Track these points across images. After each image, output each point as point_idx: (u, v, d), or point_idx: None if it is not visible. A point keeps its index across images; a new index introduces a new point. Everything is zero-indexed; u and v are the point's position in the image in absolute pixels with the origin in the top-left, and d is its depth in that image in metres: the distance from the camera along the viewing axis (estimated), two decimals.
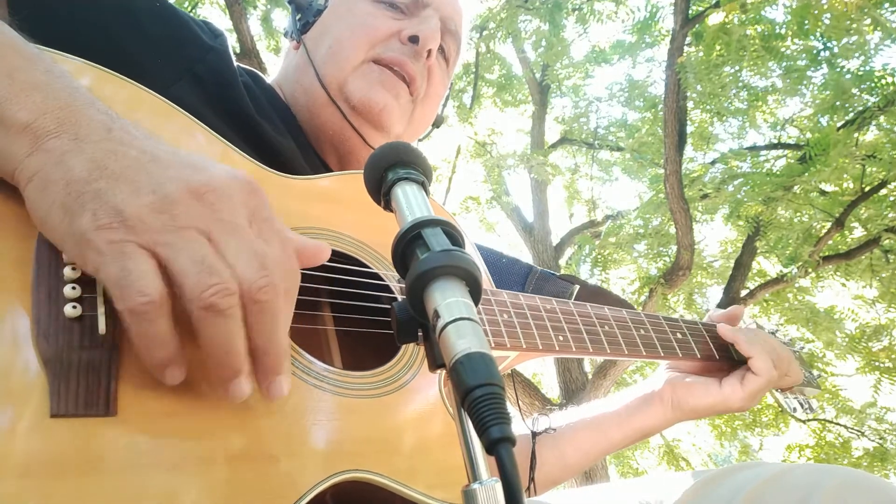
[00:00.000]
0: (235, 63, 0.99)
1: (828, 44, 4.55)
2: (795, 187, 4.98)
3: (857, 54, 4.41)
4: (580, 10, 6.14)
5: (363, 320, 0.80)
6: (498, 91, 7.62)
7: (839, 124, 4.89)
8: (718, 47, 4.61)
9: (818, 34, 4.47)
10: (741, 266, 5.59)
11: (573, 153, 8.47)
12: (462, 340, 0.44)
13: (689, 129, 5.62)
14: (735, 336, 1.13)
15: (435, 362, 0.51)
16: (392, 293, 0.81)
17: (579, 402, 1.32)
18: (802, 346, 1.36)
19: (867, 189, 5.13)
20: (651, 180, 6.40)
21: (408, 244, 0.52)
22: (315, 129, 1.10)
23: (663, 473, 3.66)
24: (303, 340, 0.70)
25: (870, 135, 5.17)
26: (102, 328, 0.55)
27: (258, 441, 0.59)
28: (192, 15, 1.03)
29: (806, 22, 4.29)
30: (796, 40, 4.72)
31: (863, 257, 5.50)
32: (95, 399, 0.52)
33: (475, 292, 0.50)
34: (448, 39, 1.15)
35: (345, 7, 1.12)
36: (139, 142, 0.56)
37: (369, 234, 0.86)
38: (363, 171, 0.61)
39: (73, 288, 0.55)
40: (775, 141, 6.21)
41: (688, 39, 4.69)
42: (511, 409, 0.53)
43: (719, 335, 1.16)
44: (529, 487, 1.10)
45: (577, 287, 1.22)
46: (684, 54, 4.61)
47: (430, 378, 0.77)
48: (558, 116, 8.22)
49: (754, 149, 6.10)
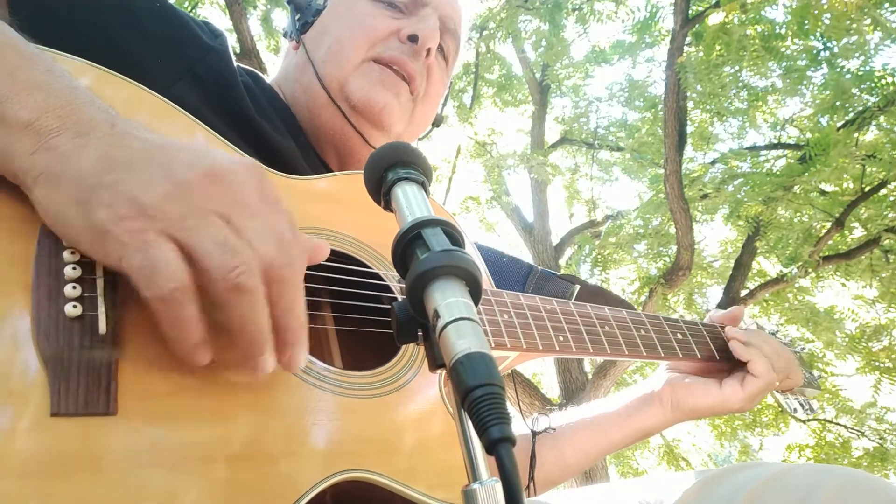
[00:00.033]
0: (235, 63, 0.99)
1: (828, 44, 4.55)
2: (795, 187, 4.98)
3: (857, 54, 4.41)
4: (580, 10, 6.14)
5: (363, 320, 0.80)
6: (498, 91, 7.62)
7: (839, 124, 4.88)
8: (718, 47, 4.60)
9: (818, 34, 4.47)
10: (741, 266, 5.59)
11: (573, 153, 8.47)
12: (462, 340, 0.44)
13: (689, 129, 5.62)
14: (734, 336, 1.14)
15: (435, 362, 0.51)
16: (392, 293, 0.81)
17: (579, 402, 1.32)
18: (803, 347, 1.36)
19: (867, 189, 5.13)
20: (651, 180, 6.40)
21: (408, 244, 0.52)
22: (316, 129, 1.10)
23: (663, 473, 3.66)
24: None
25: (870, 135, 5.17)
26: (103, 328, 0.55)
27: (258, 440, 0.59)
28: (192, 15, 1.03)
29: (806, 22, 4.29)
30: (796, 40, 4.72)
31: (863, 257, 5.50)
32: (96, 398, 0.52)
33: (475, 292, 0.50)
34: (447, 38, 1.15)
35: (344, 7, 1.12)
36: (143, 134, 0.57)
37: (369, 234, 0.86)
38: (363, 171, 0.61)
39: (74, 287, 0.55)
40: (775, 141, 6.21)
41: (688, 39, 4.69)
42: (511, 409, 0.53)
43: (722, 336, 1.16)
44: (529, 487, 1.10)
45: (578, 287, 1.22)
46: (684, 54, 4.61)
47: (431, 378, 0.77)
48: (558, 116, 8.22)
49: (754, 149, 6.10)
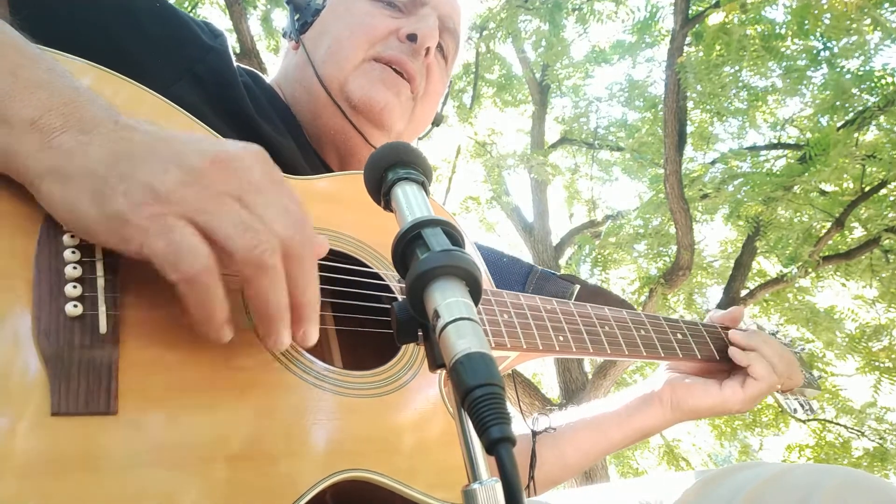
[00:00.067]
0: (235, 63, 0.99)
1: (828, 44, 4.55)
2: (795, 187, 4.98)
3: (857, 54, 4.41)
4: (580, 10, 6.13)
5: (363, 320, 0.80)
6: (498, 91, 7.61)
7: (839, 124, 4.88)
8: (718, 47, 4.60)
9: (818, 34, 4.47)
10: (741, 266, 5.59)
11: (573, 153, 8.47)
12: (462, 340, 0.44)
13: (689, 129, 5.62)
14: (735, 341, 1.14)
15: (435, 362, 0.51)
16: (392, 293, 0.81)
17: (579, 402, 1.32)
18: (803, 347, 1.36)
19: (867, 189, 5.13)
20: (651, 180, 6.40)
21: (408, 244, 0.52)
22: (317, 129, 1.10)
23: (663, 473, 3.66)
24: None
25: (870, 135, 5.17)
26: (103, 327, 0.55)
27: (258, 440, 0.59)
28: (192, 15, 1.03)
29: (806, 22, 4.29)
30: (796, 40, 4.72)
31: (863, 257, 5.50)
32: (96, 398, 0.52)
33: (475, 292, 0.50)
34: (446, 37, 1.15)
35: (343, 7, 1.12)
36: (145, 128, 0.58)
37: (369, 234, 0.86)
38: (363, 171, 0.62)
39: (75, 287, 0.55)
40: (775, 141, 6.21)
41: (688, 39, 4.69)
42: (511, 409, 0.53)
43: (722, 337, 1.16)
44: (529, 487, 1.10)
45: (578, 287, 1.22)
46: (684, 54, 4.60)
47: (431, 378, 0.77)
48: (558, 116, 8.21)
49: (754, 149, 6.10)
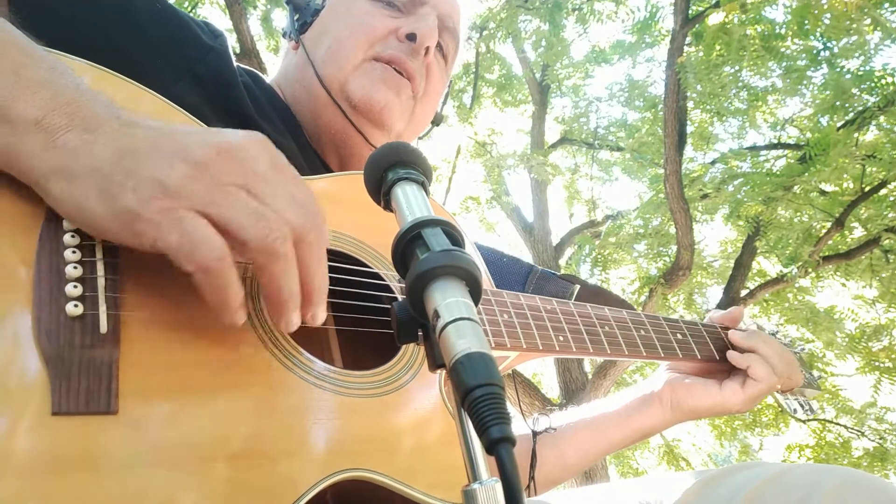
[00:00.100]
0: (235, 63, 0.99)
1: (828, 44, 4.55)
2: (795, 187, 4.98)
3: (857, 54, 4.41)
4: (580, 10, 6.13)
5: (363, 320, 0.80)
6: (498, 91, 7.61)
7: (839, 124, 4.88)
8: (718, 47, 4.60)
9: (818, 34, 4.47)
10: (741, 266, 5.59)
11: (573, 153, 8.46)
12: (462, 340, 0.44)
13: (689, 129, 5.62)
14: (735, 343, 1.14)
15: (435, 362, 0.51)
16: (392, 293, 0.81)
17: (579, 402, 1.32)
18: (803, 347, 1.36)
19: (867, 189, 5.13)
20: (651, 180, 6.40)
21: (408, 244, 0.52)
22: (317, 129, 1.10)
23: (663, 473, 3.67)
24: (303, 340, 0.70)
25: (870, 135, 5.17)
26: (104, 327, 0.55)
27: (259, 440, 0.59)
28: (192, 15, 1.03)
29: (806, 22, 4.29)
30: (796, 40, 4.72)
31: (863, 257, 5.50)
32: (97, 397, 0.52)
33: (475, 292, 0.50)
34: (446, 37, 1.15)
35: (343, 6, 1.12)
36: (148, 123, 0.58)
37: (369, 234, 0.86)
38: (363, 171, 0.62)
39: (75, 286, 0.55)
40: (775, 141, 6.21)
41: (688, 39, 4.69)
42: (511, 409, 0.53)
43: (722, 337, 1.16)
44: (529, 487, 1.10)
45: (578, 287, 1.22)
46: (684, 54, 4.60)
47: (431, 378, 0.77)
48: (558, 116, 8.21)
49: (754, 149, 6.10)
